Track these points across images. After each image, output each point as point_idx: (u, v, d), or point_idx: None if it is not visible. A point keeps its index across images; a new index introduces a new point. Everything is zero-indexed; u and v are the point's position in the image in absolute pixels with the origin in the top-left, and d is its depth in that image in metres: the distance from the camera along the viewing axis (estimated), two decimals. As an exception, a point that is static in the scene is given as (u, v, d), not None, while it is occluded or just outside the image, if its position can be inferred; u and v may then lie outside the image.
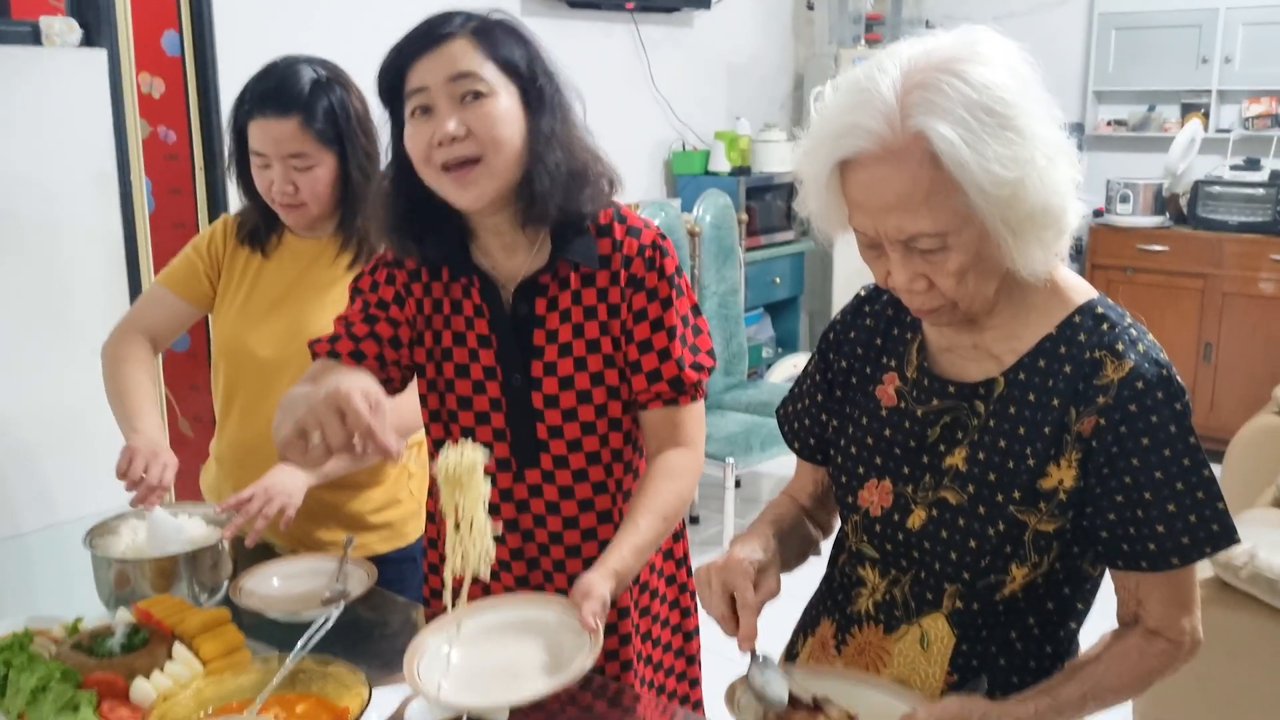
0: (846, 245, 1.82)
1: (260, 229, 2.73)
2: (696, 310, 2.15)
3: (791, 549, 1.97)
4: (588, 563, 2.12)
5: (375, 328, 2.12)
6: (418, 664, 1.76)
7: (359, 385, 1.69)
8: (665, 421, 2.11)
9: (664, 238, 2.13)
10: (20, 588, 2.64)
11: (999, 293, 1.72)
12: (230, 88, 4.52)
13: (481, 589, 2.19)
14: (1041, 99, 1.60)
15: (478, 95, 1.93)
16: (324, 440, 1.68)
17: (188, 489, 3.24)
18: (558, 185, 2.00)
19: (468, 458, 1.77)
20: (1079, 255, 7.05)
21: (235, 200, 4.23)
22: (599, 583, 1.84)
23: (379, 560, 2.54)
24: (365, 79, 2.59)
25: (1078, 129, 7.44)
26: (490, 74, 1.94)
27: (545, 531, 2.16)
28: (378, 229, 2.14)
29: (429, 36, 1.95)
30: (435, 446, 2.19)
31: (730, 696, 1.74)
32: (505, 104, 1.95)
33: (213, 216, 4.66)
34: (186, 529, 2.34)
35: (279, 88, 2.53)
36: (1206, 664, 3.39)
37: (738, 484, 5.77)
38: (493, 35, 1.97)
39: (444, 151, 1.93)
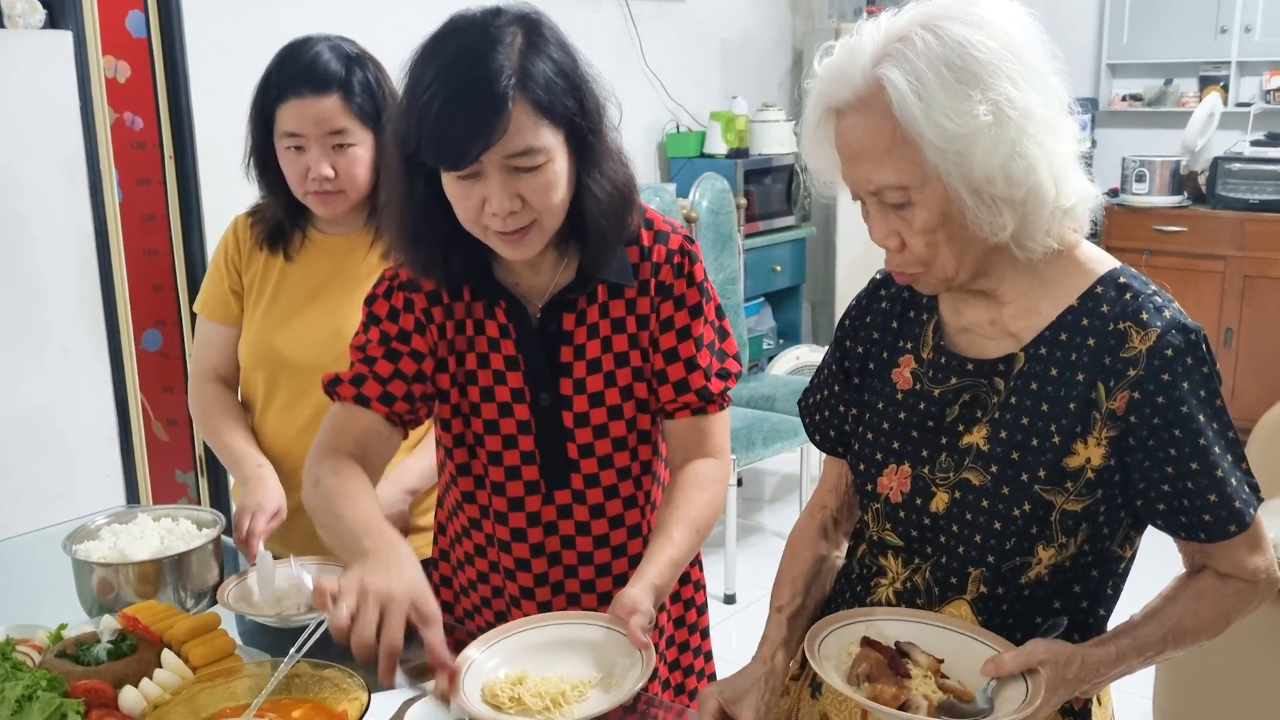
0: (849, 230, 1.87)
1: (283, 226, 2.70)
2: (720, 312, 2.17)
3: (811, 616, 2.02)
4: (619, 580, 2.16)
5: (399, 365, 2.10)
6: (464, 681, 1.79)
7: (407, 591, 1.76)
8: (692, 431, 2.14)
9: (691, 241, 2.14)
10: (-2, 595, 2.65)
11: (1008, 266, 1.79)
12: (200, 70, 4.57)
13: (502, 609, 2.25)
14: (1034, 66, 1.66)
15: (534, 167, 1.89)
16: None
17: (166, 491, 3.26)
18: (610, 213, 2.00)
19: None
20: (1094, 237, 7.03)
21: (209, 192, 4.25)
22: (642, 598, 1.86)
23: None
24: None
25: (1090, 104, 7.46)
26: (546, 139, 1.89)
27: (574, 553, 2.18)
28: (394, 242, 2.09)
29: (483, 103, 1.84)
30: (459, 471, 2.20)
31: None
32: (559, 165, 1.92)
33: (184, 209, 4.66)
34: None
35: (312, 65, 2.52)
36: (1226, 658, 3.41)
37: (740, 482, 5.80)
38: (545, 88, 1.88)
39: (496, 221, 1.91)
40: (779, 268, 7.07)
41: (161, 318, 4.95)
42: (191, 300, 2.85)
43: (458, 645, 1.86)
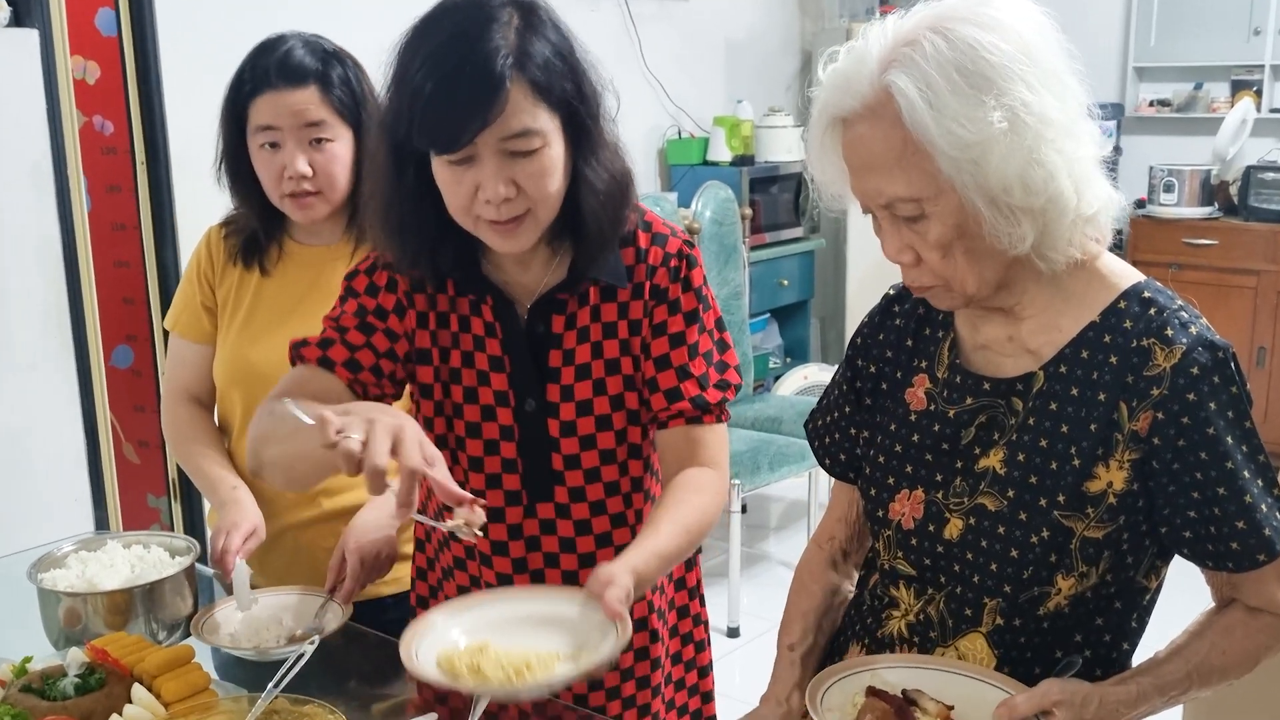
0: (860, 242, 1.89)
1: (258, 237, 2.70)
2: (721, 324, 2.16)
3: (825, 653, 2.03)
4: None
5: (372, 338, 2.10)
6: (417, 645, 1.76)
7: (415, 425, 1.72)
8: (685, 441, 2.10)
9: (691, 245, 2.14)
10: (-44, 628, 2.65)
11: (1029, 280, 1.80)
12: (174, 71, 4.57)
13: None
14: (1050, 68, 1.68)
15: (530, 151, 1.90)
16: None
17: (137, 517, 3.25)
18: (607, 207, 2.01)
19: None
20: (1119, 250, 7.08)
21: (182, 200, 4.25)
22: (620, 573, 1.80)
23: (376, 603, 2.57)
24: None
25: (1116, 110, 7.47)
26: (543, 122, 1.90)
27: (559, 572, 2.17)
28: (378, 234, 2.09)
29: (479, 82, 1.85)
30: None
31: None
32: (555, 151, 1.93)
33: (156, 218, 4.66)
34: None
35: (287, 56, 2.53)
36: (1260, 675, 3.41)
37: (744, 509, 5.80)
38: (543, 68, 1.90)
39: (490, 209, 1.92)
40: (786, 282, 7.06)
41: (133, 333, 4.96)
42: (164, 314, 2.84)
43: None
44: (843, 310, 7.29)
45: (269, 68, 2.53)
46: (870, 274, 6.73)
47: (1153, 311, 1.75)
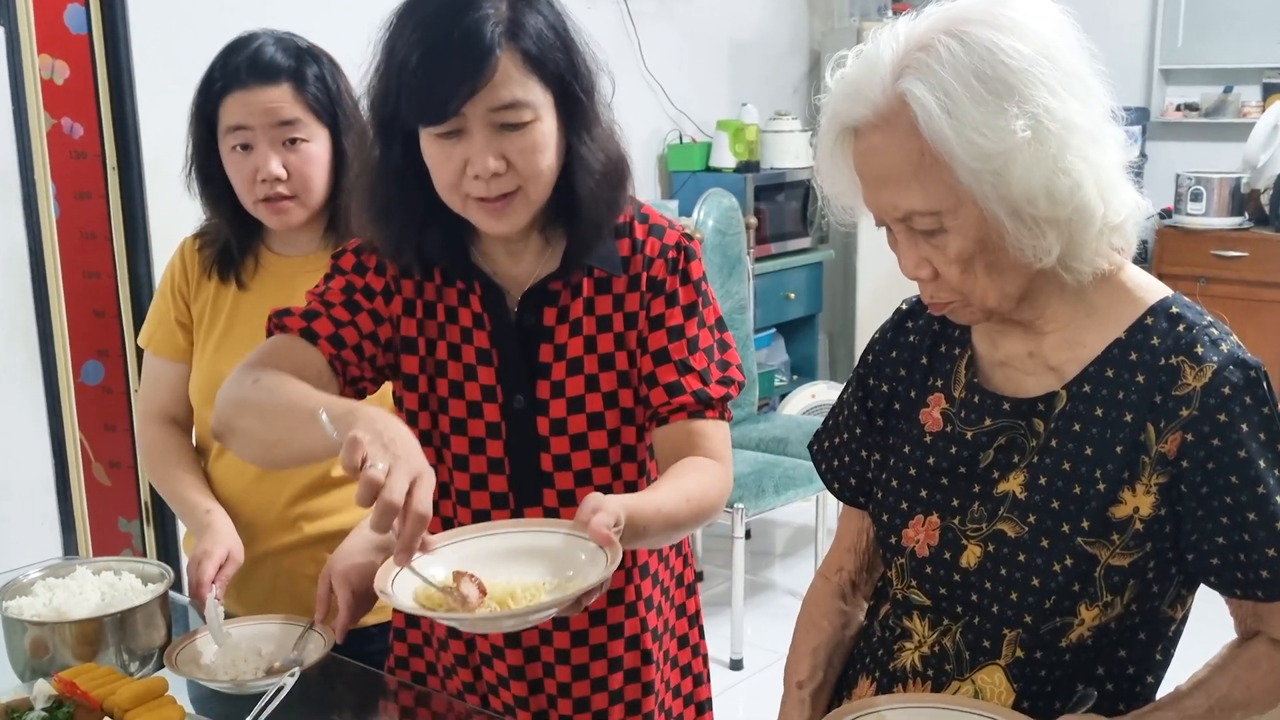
0: (871, 253, 1.89)
1: (231, 249, 2.70)
2: (722, 324, 2.17)
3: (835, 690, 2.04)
4: (596, 617, 2.16)
5: (357, 317, 2.11)
6: (392, 577, 1.76)
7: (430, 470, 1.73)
8: (686, 435, 2.09)
9: (690, 238, 2.15)
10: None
11: (1052, 292, 1.80)
12: (147, 71, 4.57)
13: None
14: (1073, 71, 1.68)
15: (521, 124, 1.93)
16: None
17: (108, 542, 3.25)
18: (603, 188, 2.03)
19: None
20: (1144, 262, 7.07)
21: (156, 207, 4.25)
22: (610, 501, 1.79)
23: (359, 633, 2.55)
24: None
25: (1141, 114, 7.48)
26: (534, 95, 1.94)
27: None
28: (363, 220, 2.11)
29: (468, 50, 1.89)
30: None
31: None
32: (548, 126, 1.96)
33: (129, 226, 4.66)
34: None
35: (258, 53, 2.55)
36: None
37: (748, 534, 5.79)
38: (536, 39, 1.94)
39: (479, 186, 1.94)
40: (793, 295, 7.08)
41: (103, 348, 4.95)
42: (137, 328, 2.85)
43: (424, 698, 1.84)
44: (852, 325, 7.31)
45: (239, 65, 2.54)
46: (882, 287, 6.75)
47: (1181, 328, 1.76)
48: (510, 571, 1.79)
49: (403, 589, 1.75)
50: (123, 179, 4.66)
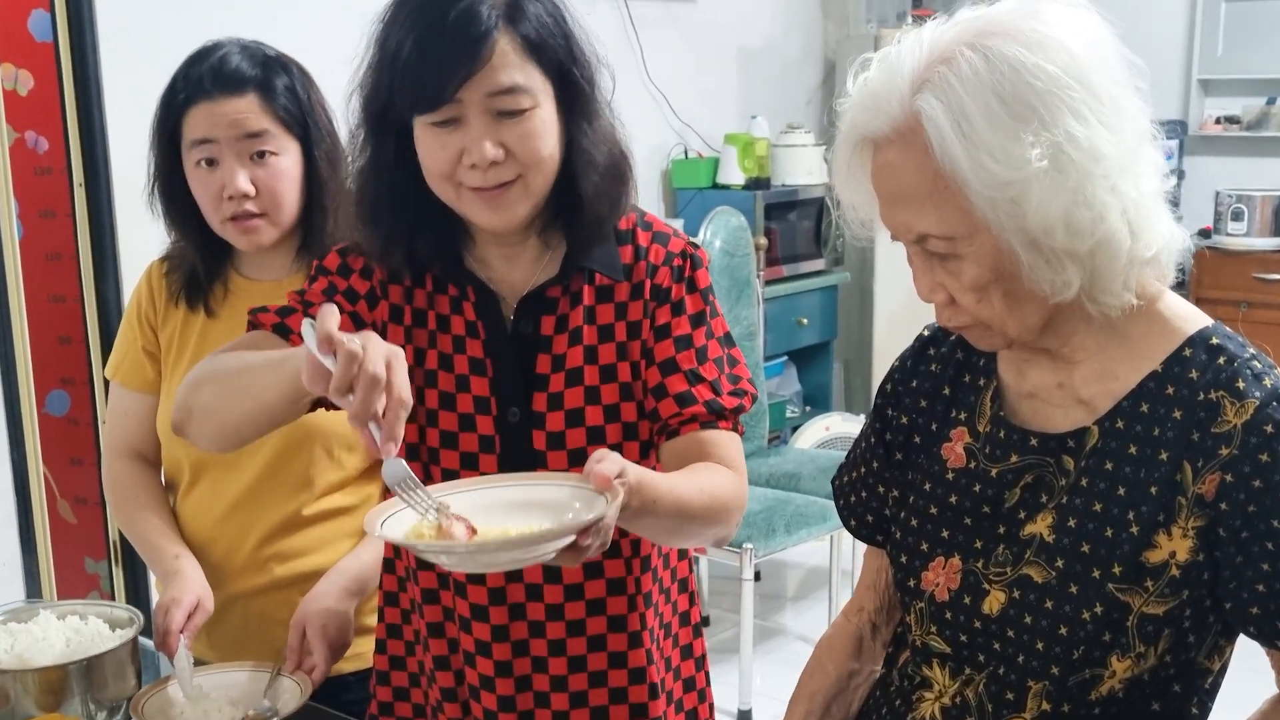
0: (889, 275, 1.89)
1: (198, 275, 2.69)
2: (730, 339, 2.17)
3: None
4: (595, 677, 2.16)
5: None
6: (382, 518, 1.75)
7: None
8: (697, 445, 2.08)
9: (696, 246, 2.16)
10: None
11: (1079, 321, 1.80)
12: (117, 81, 4.59)
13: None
14: (1104, 94, 1.67)
15: (520, 111, 1.95)
16: None
17: (74, 584, 3.25)
18: (605, 185, 2.05)
19: None
20: (1180, 286, 7.05)
21: (125, 227, 4.25)
22: (617, 455, 1.78)
23: (336, 680, 2.54)
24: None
25: (1178, 128, 7.49)
26: (534, 81, 1.96)
27: (541, 605, 2.15)
28: (351, 221, 2.11)
29: (464, 33, 1.91)
30: None
31: None
32: (547, 113, 1.98)
33: (96, 246, 4.66)
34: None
35: (222, 63, 2.54)
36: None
37: (757, 576, 5.79)
38: (535, 23, 1.97)
39: (477, 175, 1.96)
40: (806, 320, 7.08)
41: (69, 376, 4.95)
42: (105, 356, 2.84)
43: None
44: (869, 353, 7.30)
45: (202, 75, 2.53)
46: (901, 312, 6.74)
47: (1222, 360, 1.75)
48: (507, 519, 1.77)
49: (392, 530, 1.74)
50: (90, 197, 4.66)
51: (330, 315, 1.71)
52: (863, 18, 7.58)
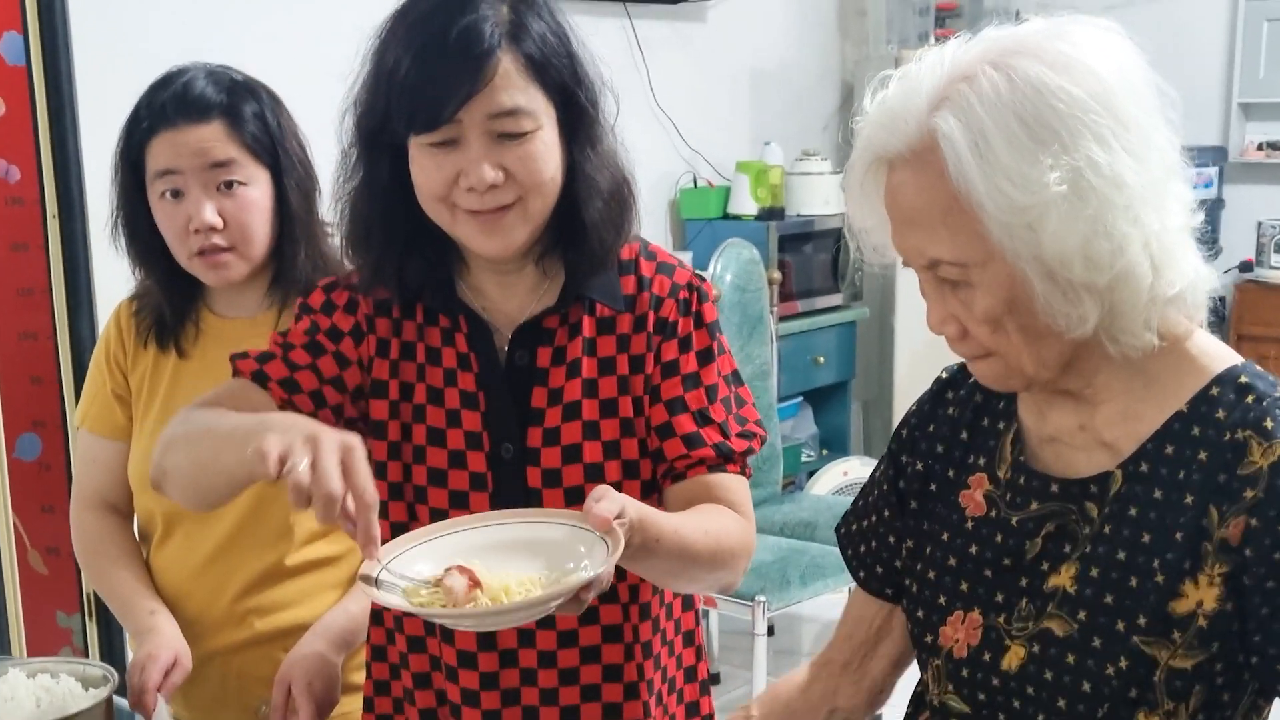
0: (911, 311, 1.89)
1: (165, 316, 2.70)
2: (738, 377, 2.19)
3: None
4: (586, 693, 2.16)
5: (318, 360, 2.13)
6: (375, 572, 1.77)
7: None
8: (703, 488, 2.10)
9: (702, 278, 2.18)
10: None
11: (1101, 360, 1.80)
12: (93, 108, 4.60)
13: None
14: (1130, 120, 1.68)
15: (521, 133, 1.97)
16: None
17: (44, 640, 3.25)
18: (609, 211, 2.07)
19: None
20: (1220, 322, 7.05)
21: (100, 261, 4.26)
22: (616, 494, 1.79)
23: None
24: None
25: (1217, 154, 7.48)
26: (536, 103, 1.99)
27: (534, 653, 2.15)
28: (325, 252, 2.13)
29: (466, 50, 1.94)
30: (393, 532, 2.15)
31: None
32: (549, 136, 2.00)
33: (70, 281, 4.67)
34: None
35: (186, 89, 2.55)
36: None
37: (770, 631, 5.75)
38: (538, 42, 1.99)
39: (474, 199, 1.97)
40: (822, 359, 7.07)
41: (40, 419, 4.95)
42: (79, 397, 2.84)
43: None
44: (890, 393, 7.28)
45: (166, 102, 2.54)
46: (923, 350, 6.69)
47: (1250, 400, 1.75)
48: (503, 565, 1.79)
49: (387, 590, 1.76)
50: (64, 229, 4.64)
51: (276, 431, 1.74)
52: (883, 38, 7.58)
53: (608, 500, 1.76)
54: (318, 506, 1.68)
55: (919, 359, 6.78)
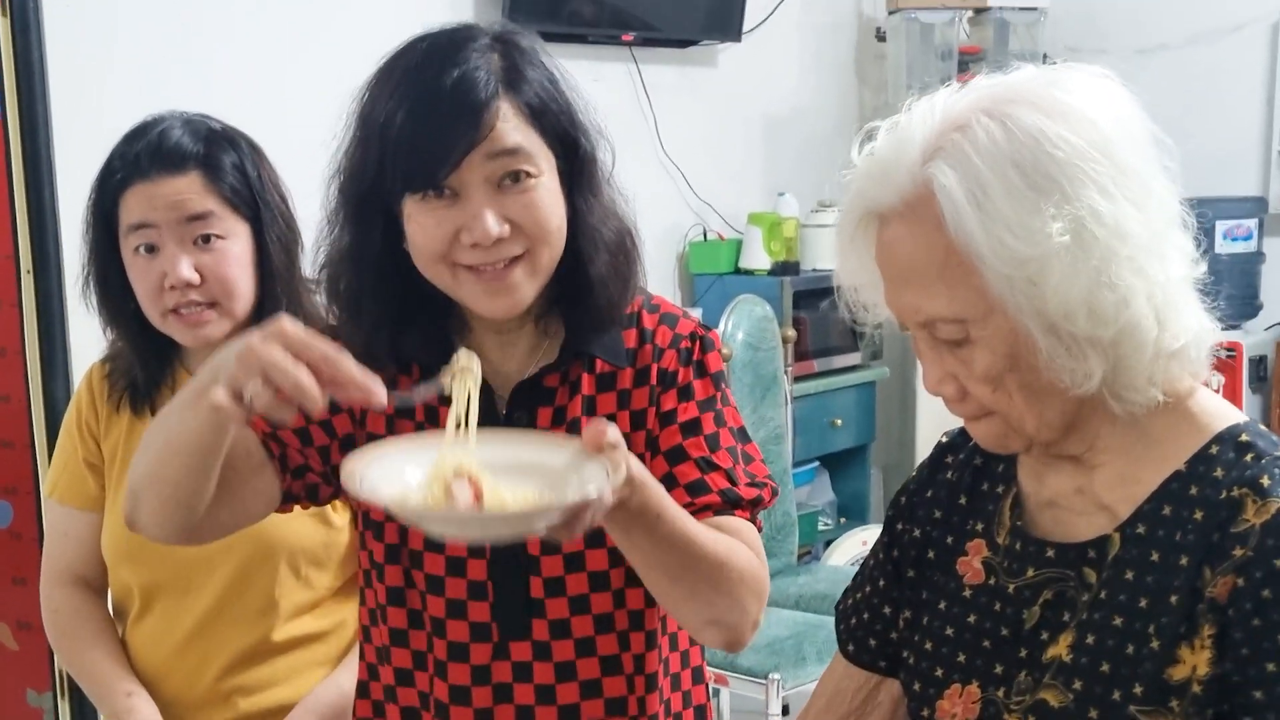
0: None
1: (138, 379, 2.71)
2: (745, 434, 2.19)
3: None
4: None
5: (309, 426, 2.14)
6: (362, 472, 1.75)
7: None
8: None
9: (708, 329, 2.20)
10: None
11: (1102, 420, 1.82)
12: (71, 159, 4.64)
13: None
14: (1131, 169, 1.71)
15: (522, 178, 1.99)
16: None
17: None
18: (614, 264, 2.09)
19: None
20: (1262, 382, 7.03)
21: (77, 320, 4.30)
22: (615, 426, 1.77)
23: None
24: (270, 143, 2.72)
25: (1257, 205, 7.47)
26: (536, 148, 2.01)
27: (530, 688, 2.15)
28: (331, 315, 2.13)
29: (463, 100, 1.96)
30: (389, 598, 2.19)
31: None
32: (551, 184, 2.02)
33: (44, 339, 4.68)
34: None
35: (162, 139, 2.56)
36: None
37: (785, 710, 5.74)
38: (536, 88, 2.02)
39: (478, 254, 1.99)
40: (840, 422, 7.04)
41: (12, 485, 4.96)
42: (52, 461, 2.86)
43: None
44: (911, 458, 7.21)
45: (139, 153, 2.55)
46: (946, 412, 6.73)
47: (1249, 457, 1.76)
48: (501, 482, 1.79)
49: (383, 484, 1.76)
50: (39, 285, 4.63)
51: (210, 377, 1.80)
52: (903, 83, 7.53)
53: (610, 430, 1.75)
54: (302, 402, 1.71)
55: (943, 421, 6.76)
